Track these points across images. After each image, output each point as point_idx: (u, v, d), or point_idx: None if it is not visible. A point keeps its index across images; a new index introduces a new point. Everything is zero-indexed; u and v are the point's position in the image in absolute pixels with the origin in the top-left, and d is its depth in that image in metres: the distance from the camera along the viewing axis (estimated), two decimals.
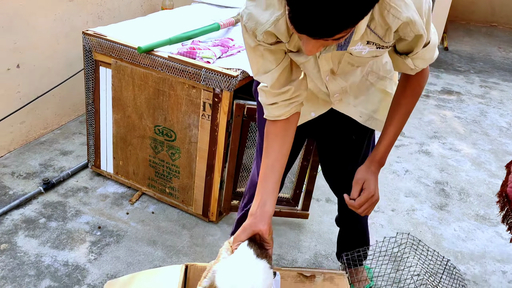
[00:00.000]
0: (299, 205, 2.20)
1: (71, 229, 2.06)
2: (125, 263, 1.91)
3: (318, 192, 2.43)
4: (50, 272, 1.83)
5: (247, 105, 1.89)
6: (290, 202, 2.20)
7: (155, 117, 2.09)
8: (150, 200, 2.30)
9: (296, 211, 2.20)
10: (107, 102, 2.22)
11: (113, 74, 2.12)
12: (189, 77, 1.91)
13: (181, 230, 2.13)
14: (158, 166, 2.20)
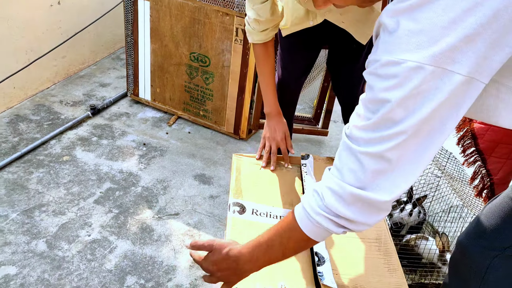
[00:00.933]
0: (319, 124, 2.47)
1: (120, 145, 2.35)
2: (171, 171, 2.21)
3: (335, 115, 2.69)
4: (109, 177, 2.13)
5: None
6: (312, 121, 2.46)
7: (191, 44, 2.33)
8: (186, 122, 2.57)
9: (317, 129, 2.47)
10: (145, 33, 2.44)
11: (151, 6, 2.34)
12: (223, 5, 2.13)
13: (215, 146, 2.41)
14: (193, 91, 2.46)
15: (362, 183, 0.77)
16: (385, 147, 0.73)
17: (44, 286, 1.62)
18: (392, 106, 0.70)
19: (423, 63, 0.67)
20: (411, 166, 0.74)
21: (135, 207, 1.97)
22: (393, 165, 0.74)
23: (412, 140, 0.71)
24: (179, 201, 2.03)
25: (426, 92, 0.68)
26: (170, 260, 1.75)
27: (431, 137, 0.71)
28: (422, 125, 0.70)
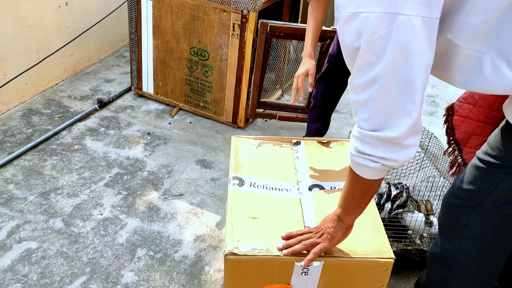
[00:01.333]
0: None
1: (126, 135, 2.52)
2: (174, 157, 2.38)
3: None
4: (117, 163, 2.30)
5: (270, 23, 2.29)
6: (305, 110, 2.64)
7: (191, 40, 2.50)
8: (187, 113, 2.74)
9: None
10: (148, 30, 2.62)
11: (153, 5, 2.51)
12: (220, 2, 2.30)
13: (215, 134, 2.59)
14: (193, 84, 2.63)
15: (373, 126, 0.95)
16: (373, 90, 0.90)
17: (63, 258, 1.79)
18: (362, 52, 0.87)
19: (374, 11, 0.84)
20: (400, 101, 0.90)
21: (142, 189, 2.15)
22: (385, 104, 0.91)
23: (391, 77, 0.88)
24: (182, 183, 2.20)
25: (385, 35, 0.84)
26: (176, 235, 1.92)
27: (406, 71, 0.87)
28: (393, 63, 0.86)
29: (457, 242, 1.23)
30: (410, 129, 0.93)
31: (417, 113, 0.92)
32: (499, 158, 1.09)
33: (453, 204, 1.23)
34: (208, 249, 1.86)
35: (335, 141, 1.82)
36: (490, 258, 1.24)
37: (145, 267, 1.78)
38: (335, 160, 1.71)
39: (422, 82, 0.90)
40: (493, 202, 1.15)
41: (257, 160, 1.68)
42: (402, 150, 0.97)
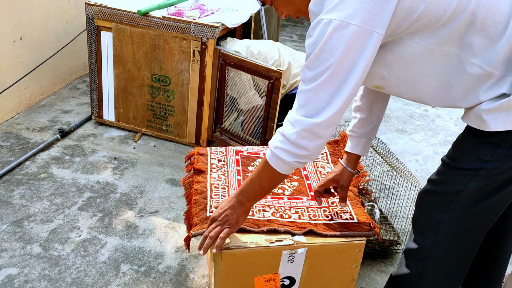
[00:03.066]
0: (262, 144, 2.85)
1: (93, 161, 2.57)
2: (144, 178, 2.47)
3: None
4: (87, 188, 2.35)
5: (222, 50, 2.50)
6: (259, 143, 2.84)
7: (152, 67, 2.65)
8: (150, 137, 2.85)
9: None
10: (109, 60, 2.73)
11: (114, 36, 2.64)
12: (180, 31, 2.49)
13: (180, 155, 2.71)
14: (156, 109, 2.76)
15: (307, 112, 1.16)
16: (318, 82, 1.12)
17: (46, 281, 1.81)
18: (318, 50, 1.10)
19: (332, 19, 1.08)
20: (332, 94, 1.13)
21: (117, 210, 2.21)
22: (322, 94, 1.13)
23: (334, 75, 1.11)
24: (156, 201, 2.29)
25: (338, 39, 1.08)
26: (157, 248, 2.01)
27: (347, 73, 1.10)
28: (341, 63, 1.09)
29: (431, 237, 1.32)
30: (330, 119, 1.14)
31: (339, 106, 1.14)
32: (463, 162, 1.23)
33: (427, 202, 1.33)
34: (190, 258, 1.96)
35: None
36: (461, 250, 1.34)
37: (131, 280, 1.84)
38: None
39: (355, 84, 1.12)
40: (463, 201, 1.24)
41: None
42: (316, 140, 1.17)
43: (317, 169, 1.84)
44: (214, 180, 1.67)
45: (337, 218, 1.56)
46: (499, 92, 1.14)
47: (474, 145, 1.22)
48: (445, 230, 1.30)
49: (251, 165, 1.80)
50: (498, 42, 1.10)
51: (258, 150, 1.90)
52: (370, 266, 2.02)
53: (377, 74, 1.22)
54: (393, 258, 2.07)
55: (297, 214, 1.56)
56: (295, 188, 1.69)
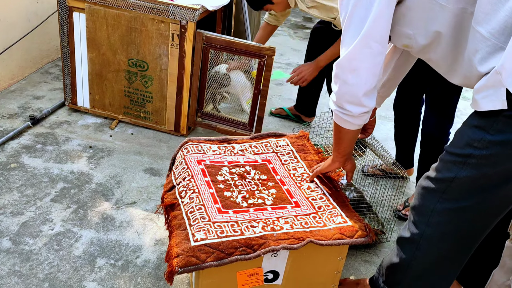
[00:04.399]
0: (253, 130, 2.77)
1: (67, 150, 2.46)
2: (121, 167, 2.37)
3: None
4: (61, 178, 2.24)
5: (205, 34, 2.40)
6: (246, 127, 2.75)
7: (129, 51, 2.52)
8: (127, 125, 2.74)
9: (250, 134, 2.77)
10: (82, 43, 2.59)
11: (87, 18, 2.50)
12: (158, 14, 2.37)
13: (159, 143, 2.61)
14: (133, 95, 2.64)
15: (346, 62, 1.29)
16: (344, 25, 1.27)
17: (17, 277, 1.71)
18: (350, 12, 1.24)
19: None
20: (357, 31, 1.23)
21: (93, 201, 2.11)
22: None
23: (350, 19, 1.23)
24: (133, 192, 2.20)
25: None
26: (135, 241, 1.92)
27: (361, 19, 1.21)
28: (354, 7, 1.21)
29: (422, 227, 1.31)
30: (349, 58, 1.28)
31: (354, 47, 1.26)
32: (455, 146, 1.22)
33: (424, 189, 1.31)
34: None
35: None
36: (449, 249, 1.32)
37: (108, 275, 1.76)
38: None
39: (369, 29, 1.22)
40: (456, 193, 1.22)
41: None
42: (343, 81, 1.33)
43: (289, 171, 1.75)
44: (187, 206, 1.52)
45: (330, 223, 1.49)
46: (492, 65, 1.12)
47: (466, 129, 1.20)
48: (436, 223, 1.27)
49: (219, 174, 1.67)
50: (500, 9, 1.09)
51: (221, 159, 1.77)
52: (354, 256, 1.99)
53: (403, 33, 1.27)
54: (377, 247, 2.04)
55: (288, 224, 1.48)
56: (275, 196, 1.60)
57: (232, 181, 1.66)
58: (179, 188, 1.63)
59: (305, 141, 1.92)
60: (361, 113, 1.35)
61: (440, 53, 1.25)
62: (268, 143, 1.90)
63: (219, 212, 1.50)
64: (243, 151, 1.85)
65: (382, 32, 1.23)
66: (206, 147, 1.83)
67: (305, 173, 1.74)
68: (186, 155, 1.76)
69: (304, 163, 1.79)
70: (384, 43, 1.25)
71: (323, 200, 1.60)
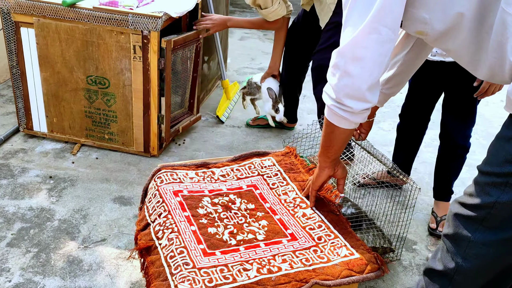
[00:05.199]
0: (194, 111, 2.64)
1: (24, 183, 2.18)
2: (86, 199, 2.11)
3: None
4: (18, 217, 1.97)
5: (173, 39, 2.19)
6: (188, 113, 2.61)
7: (86, 68, 2.27)
8: (91, 148, 2.48)
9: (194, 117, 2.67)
10: (33, 62, 2.32)
11: (36, 33, 2.23)
12: (116, 24, 2.12)
13: (127, 167, 2.37)
14: (95, 115, 2.39)
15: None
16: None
17: None
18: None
19: None
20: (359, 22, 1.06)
21: (56, 242, 1.86)
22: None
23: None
24: (103, 226, 1.96)
25: None
26: (108, 286, 1.68)
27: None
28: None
29: (458, 260, 1.15)
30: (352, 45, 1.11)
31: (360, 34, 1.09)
32: (492, 164, 1.04)
33: (459, 216, 1.14)
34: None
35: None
36: (488, 285, 1.16)
37: None
38: None
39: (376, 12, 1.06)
40: (498, 221, 1.05)
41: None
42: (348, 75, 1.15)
43: (279, 197, 1.55)
44: (167, 249, 1.30)
45: (335, 257, 1.30)
46: None
47: (502, 143, 1.01)
48: (474, 255, 1.09)
49: (199, 207, 1.45)
50: None
51: (200, 187, 1.55)
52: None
53: (417, 17, 1.09)
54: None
55: (286, 263, 1.27)
56: (267, 229, 1.40)
57: (216, 214, 1.45)
58: (155, 226, 1.41)
59: (293, 158, 1.72)
60: (362, 110, 1.17)
61: (461, 40, 1.08)
62: (251, 165, 1.70)
63: (205, 255, 1.28)
64: (224, 176, 1.64)
65: (393, 15, 1.05)
66: (182, 174, 1.61)
67: (298, 197, 1.54)
68: (160, 186, 1.53)
69: (294, 185, 1.60)
70: (396, 28, 1.07)
71: (322, 229, 1.41)
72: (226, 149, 2.58)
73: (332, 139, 1.29)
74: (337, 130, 1.25)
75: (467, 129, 1.94)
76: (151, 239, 1.37)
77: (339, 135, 1.27)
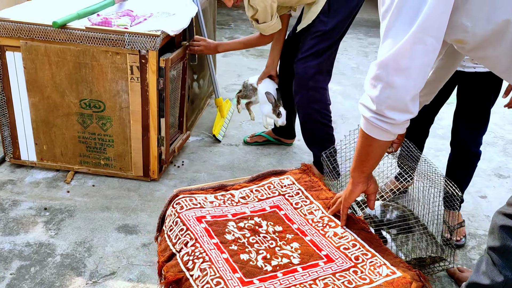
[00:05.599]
0: (183, 130, 2.59)
1: (17, 217, 2.03)
2: (88, 229, 1.98)
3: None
4: (15, 254, 1.82)
5: (171, 58, 2.13)
6: (179, 131, 2.54)
7: (79, 91, 2.15)
8: (86, 176, 2.35)
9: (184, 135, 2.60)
10: (20, 87, 2.19)
11: (23, 57, 2.11)
12: (112, 44, 2.03)
13: (127, 193, 2.25)
14: (89, 140, 2.27)
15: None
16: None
17: None
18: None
19: None
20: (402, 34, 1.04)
21: (61, 279, 1.72)
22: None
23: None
24: (110, 259, 1.83)
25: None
26: None
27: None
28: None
29: (506, 273, 1.12)
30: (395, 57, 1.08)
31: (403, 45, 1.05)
32: None
33: (503, 225, 1.12)
34: None
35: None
36: None
37: None
38: None
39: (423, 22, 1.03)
40: None
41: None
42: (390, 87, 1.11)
43: (305, 217, 1.49)
44: (200, 281, 1.19)
45: (377, 277, 1.24)
46: None
47: None
48: None
49: (226, 232, 1.37)
50: None
51: (223, 211, 1.47)
52: None
53: (459, 25, 1.07)
54: (433, 279, 1.78)
55: (329, 287, 1.21)
56: (300, 252, 1.33)
57: (245, 239, 1.37)
58: (183, 256, 1.31)
59: (311, 176, 1.67)
60: (405, 121, 1.16)
61: (503, 47, 1.06)
62: (271, 184, 1.63)
63: (243, 284, 1.20)
64: (245, 198, 1.56)
65: (439, 25, 1.03)
66: (201, 198, 1.52)
67: (325, 216, 1.48)
68: (181, 212, 1.44)
69: (319, 204, 1.54)
70: (440, 38, 1.05)
71: (357, 248, 1.35)
72: (227, 169, 2.50)
73: (370, 152, 1.25)
74: (375, 143, 1.21)
75: (479, 136, 1.94)
76: (181, 270, 1.28)
77: (377, 148, 1.23)
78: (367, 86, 1.15)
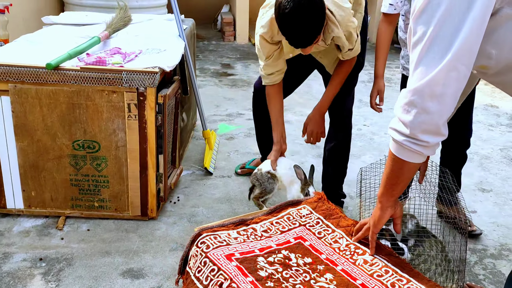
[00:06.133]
0: (176, 165, 2.56)
1: (11, 271, 1.89)
2: (91, 278, 1.88)
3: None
4: None
5: (168, 92, 2.12)
6: (172, 166, 2.52)
7: (72, 132, 2.08)
8: (78, 220, 2.24)
9: (178, 170, 2.57)
10: (7, 132, 2.08)
11: (12, 100, 2.02)
12: (108, 83, 1.99)
13: (126, 234, 2.16)
14: (82, 183, 2.18)
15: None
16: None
17: None
18: (416, 13, 1.11)
19: None
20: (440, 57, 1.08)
21: None
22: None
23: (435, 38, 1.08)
24: None
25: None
26: None
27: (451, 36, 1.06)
28: (443, 23, 1.06)
29: None
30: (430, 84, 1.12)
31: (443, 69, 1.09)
32: None
33: None
34: None
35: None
36: None
37: None
38: None
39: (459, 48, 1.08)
40: None
41: None
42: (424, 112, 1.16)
43: (331, 246, 1.50)
44: None
45: None
46: None
47: None
48: None
49: (258, 269, 1.34)
50: None
51: (249, 247, 1.45)
52: None
53: (485, 52, 1.13)
54: None
55: None
56: (336, 283, 1.33)
57: (278, 274, 1.35)
58: None
59: (327, 204, 1.68)
60: (437, 143, 1.21)
61: None
62: (289, 215, 1.63)
63: None
64: (267, 232, 1.55)
65: (471, 53, 1.09)
66: (225, 235, 1.49)
67: (350, 244, 1.49)
68: (208, 252, 1.40)
69: (342, 232, 1.54)
70: (471, 65, 1.11)
71: (390, 274, 1.36)
72: (224, 202, 2.47)
73: (400, 175, 1.28)
74: (406, 165, 1.25)
75: (469, 135, 2.18)
76: None
77: (408, 170, 1.27)
78: (399, 111, 1.19)
